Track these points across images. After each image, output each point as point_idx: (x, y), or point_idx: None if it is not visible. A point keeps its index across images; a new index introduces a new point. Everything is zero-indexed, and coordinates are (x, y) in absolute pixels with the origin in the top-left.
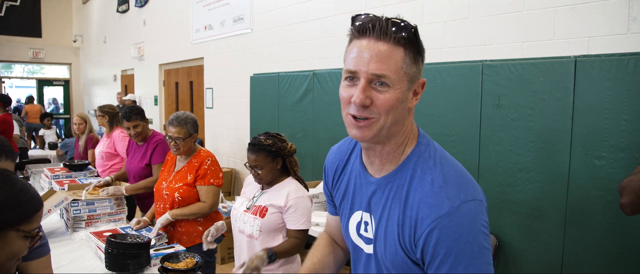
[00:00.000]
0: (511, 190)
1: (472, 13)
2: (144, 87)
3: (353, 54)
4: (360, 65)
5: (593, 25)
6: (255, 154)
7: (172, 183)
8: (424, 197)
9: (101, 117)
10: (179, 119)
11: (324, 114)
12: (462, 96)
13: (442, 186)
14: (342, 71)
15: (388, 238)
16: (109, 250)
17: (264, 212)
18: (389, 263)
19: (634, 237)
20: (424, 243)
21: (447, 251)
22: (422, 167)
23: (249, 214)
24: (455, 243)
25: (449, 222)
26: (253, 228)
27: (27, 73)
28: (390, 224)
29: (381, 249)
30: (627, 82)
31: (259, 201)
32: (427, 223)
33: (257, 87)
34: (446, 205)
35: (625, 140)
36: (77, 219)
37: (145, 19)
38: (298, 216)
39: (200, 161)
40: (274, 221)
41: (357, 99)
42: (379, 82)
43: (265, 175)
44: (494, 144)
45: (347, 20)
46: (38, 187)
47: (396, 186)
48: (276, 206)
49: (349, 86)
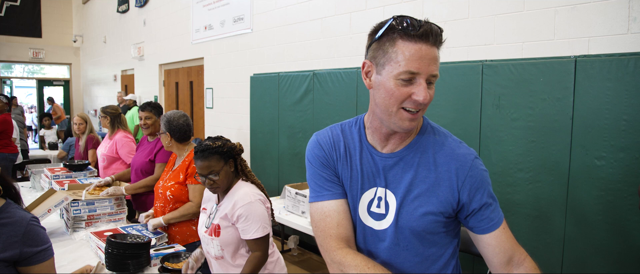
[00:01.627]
0: (511, 190)
1: (472, 13)
2: (144, 87)
3: (412, 55)
4: (423, 67)
5: (593, 26)
6: (206, 160)
7: (167, 182)
8: (452, 151)
9: (103, 118)
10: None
11: (324, 114)
12: (462, 96)
13: (460, 142)
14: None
15: (418, 200)
16: (109, 250)
17: (218, 230)
18: (413, 227)
19: (634, 237)
20: (471, 182)
21: (487, 182)
22: (437, 133)
23: (208, 236)
24: (487, 176)
25: (478, 163)
26: (215, 249)
27: (27, 73)
28: (419, 187)
29: (407, 215)
30: (627, 82)
31: (215, 218)
32: (467, 166)
33: (257, 87)
34: (471, 153)
35: (625, 140)
36: (77, 219)
37: (145, 19)
38: (249, 225)
39: (190, 159)
40: (231, 236)
41: (426, 99)
42: (430, 82)
43: (221, 181)
44: (494, 144)
45: (347, 20)
46: (38, 187)
47: (419, 153)
48: (225, 219)
49: (405, 84)
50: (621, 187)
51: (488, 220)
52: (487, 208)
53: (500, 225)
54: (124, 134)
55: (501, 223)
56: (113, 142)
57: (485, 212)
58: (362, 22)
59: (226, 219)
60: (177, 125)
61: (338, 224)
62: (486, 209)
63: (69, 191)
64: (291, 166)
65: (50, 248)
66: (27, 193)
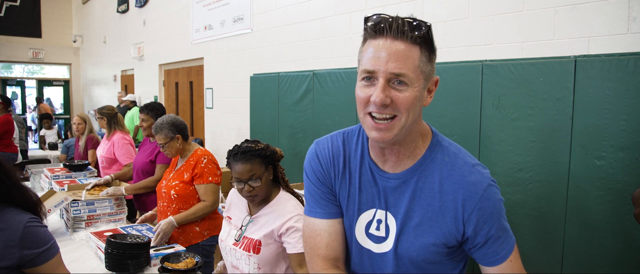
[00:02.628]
0: (511, 190)
1: (472, 13)
2: (144, 87)
3: (369, 53)
4: (379, 64)
5: (593, 25)
6: (248, 163)
7: (170, 181)
8: (462, 178)
9: (100, 120)
10: (156, 128)
11: (324, 114)
12: (462, 96)
13: (474, 165)
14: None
15: (419, 230)
16: (108, 250)
17: (258, 246)
18: (412, 257)
19: (634, 237)
20: (478, 216)
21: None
22: (448, 155)
23: (240, 250)
24: (499, 206)
25: (490, 193)
26: (250, 266)
27: (27, 73)
28: (422, 214)
29: (407, 243)
30: (626, 82)
31: (248, 231)
32: (477, 198)
33: (257, 87)
34: (485, 178)
35: (625, 140)
36: (77, 220)
37: (145, 19)
38: (299, 239)
39: (196, 159)
40: (272, 253)
41: (377, 99)
42: (398, 81)
43: (261, 188)
44: (494, 144)
45: (347, 20)
46: (38, 187)
47: (424, 177)
48: (270, 235)
49: (367, 86)
50: (621, 187)
51: (494, 254)
52: (495, 242)
53: (507, 258)
54: (121, 135)
55: (509, 256)
56: (110, 144)
57: (492, 246)
58: (362, 22)
59: (271, 235)
60: (181, 124)
61: (327, 245)
62: (493, 243)
63: (68, 191)
64: (291, 166)
65: (54, 244)
66: None
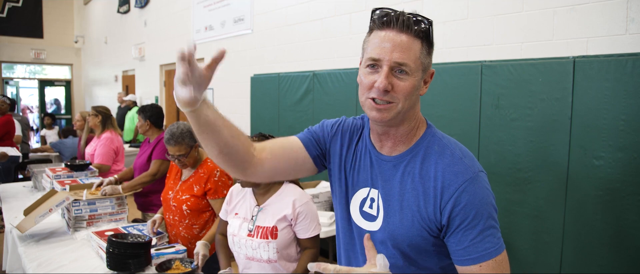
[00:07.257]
0: (510, 190)
1: (471, 13)
2: (145, 87)
3: (375, 43)
4: (384, 53)
5: (592, 26)
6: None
7: (179, 194)
8: (447, 166)
9: (94, 116)
10: (175, 137)
11: (324, 114)
12: (462, 97)
13: (461, 157)
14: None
15: (405, 211)
16: (110, 250)
17: (275, 232)
18: (397, 240)
19: (633, 236)
20: (453, 206)
21: (477, 212)
22: (438, 144)
23: (257, 239)
24: (480, 203)
25: (474, 186)
26: (269, 253)
27: (28, 74)
28: (407, 198)
29: (395, 223)
30: (625, 82)
31: (260, 221)
32: (454, 187)
33: (257, 87)
34: (469, 171)
35: (624, 140)
36: (79, 219)
37: (146, 19)
38: (308, 223)
39: (208, 173)
40: (287, 237)
41: (381, 84)
42: (400, 70)
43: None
44: (493, 144)
45: (347, 20)
46: (40, 187)
47: (413, 162)
48: (284, 220)
49: (371, 72)
50: (619, 187)
51: (464, 252)
52: (467, 234)
53: (479, 263)
54: (110, 135)
55: (481, 261)
56: (97, 141)
57: (463, 241)
58: (362, 23)
59: (285, 220)
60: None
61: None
62: (463, 236)
63: (70, 191)
64: None
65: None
66: (28, 193)
